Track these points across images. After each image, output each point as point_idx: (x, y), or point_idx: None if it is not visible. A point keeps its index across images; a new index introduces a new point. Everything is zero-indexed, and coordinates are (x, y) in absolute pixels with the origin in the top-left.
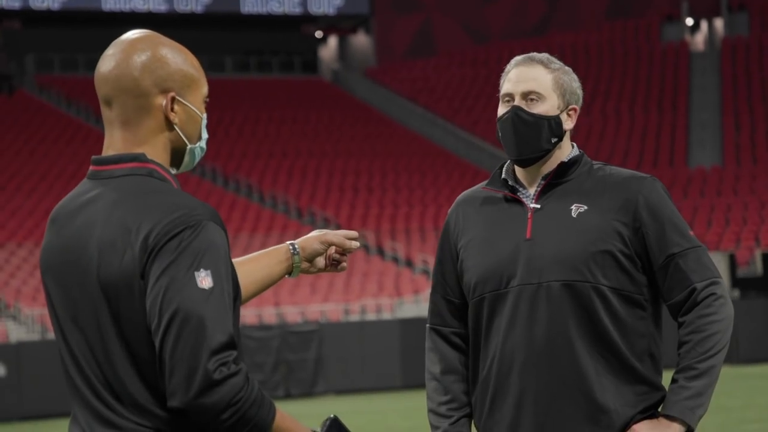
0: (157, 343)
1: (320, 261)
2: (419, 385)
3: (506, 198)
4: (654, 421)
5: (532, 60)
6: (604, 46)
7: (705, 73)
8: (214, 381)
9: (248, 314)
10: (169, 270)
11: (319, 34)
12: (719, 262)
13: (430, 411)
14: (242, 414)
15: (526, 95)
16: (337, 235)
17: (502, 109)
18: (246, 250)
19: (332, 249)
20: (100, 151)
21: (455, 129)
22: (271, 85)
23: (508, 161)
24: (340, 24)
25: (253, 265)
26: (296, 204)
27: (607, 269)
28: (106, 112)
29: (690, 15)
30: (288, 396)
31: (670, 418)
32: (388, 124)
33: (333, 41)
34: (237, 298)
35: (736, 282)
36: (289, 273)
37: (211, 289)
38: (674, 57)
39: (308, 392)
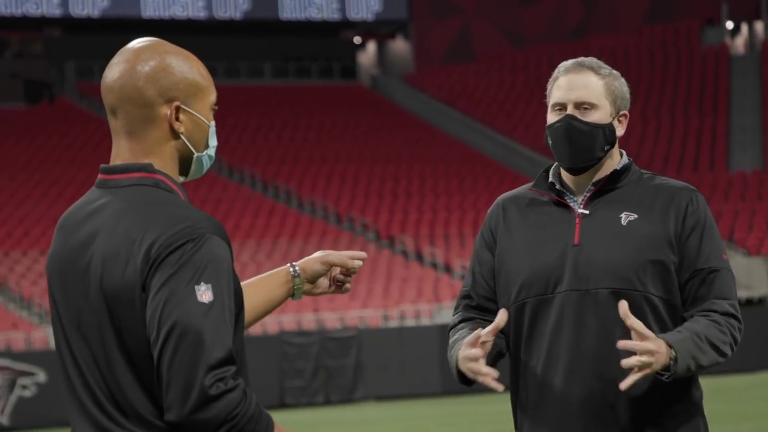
0: (155, 356)
1: (323, 282)
2: (458, 392)
3: (553, 202)
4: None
5: (582, 66)
6: (643, 50)
7: (745, 76)
8: (210, 397)
9: (287, 320)
10: (170, 282)
11: (357, 39)
12: (760, 266)
13: (451, 348)
14: (239, 430)
15: (579, 104)
16: (340, 256)
17: (553, 117)
18: (285, 257)
19: (336, 270)
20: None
21: (493, 134)
22: (310, 91)
23: (554, 165)
24: (378, 29)
25: (254, 290)
26: (335, 210)
27: (656, 278)
28: (112, 122)
29: (730, 18)
30: (327, 402)
31: (668, 344)
32: (427, 129)
33: (372, 47)
34: (240, 313)
35: None
36: (292, 295)
37: (211, 303)
38: (714, 60)
39: (347, 398)
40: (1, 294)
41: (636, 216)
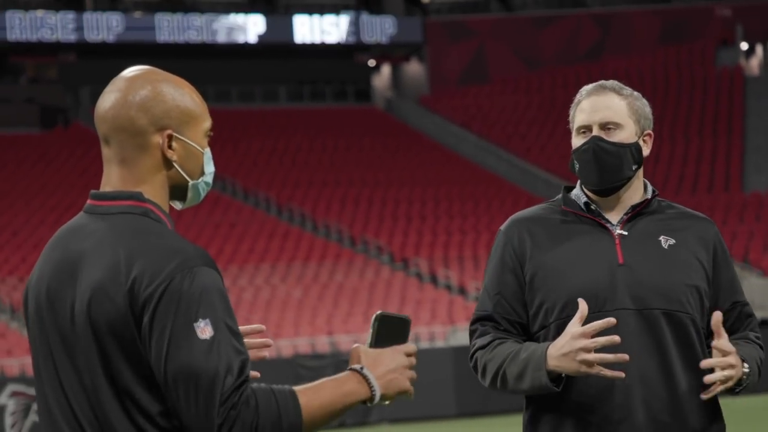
0: (170, 401)
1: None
2: (474, 414)
3: (586, 221)
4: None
5: (604, 88)
6: (658, 71)
7: (760, 97)
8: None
9: (302, 343)
10: (168, 327)
11: (372, 62)
12: None
13: (502, 366)
14: None
15: (603, 125)
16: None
17: (578, 140)
18: (299, 280)
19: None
20: None
21: (509, 156)
22: (325, 114)
23: (577, 185)
24: (393, 52)
25: None
26: (349, 233)
27: (696, 303)
28: (105, 150)
29: (744, 39)
30: (342, 425)
31: (743, 359)
32: (442, 152)
33: (386, 70)
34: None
35: None
36: None
37: (213, 338)
38: (729, 81)
39: (362, 421)
40: (16, 319)
41: (674, 241)
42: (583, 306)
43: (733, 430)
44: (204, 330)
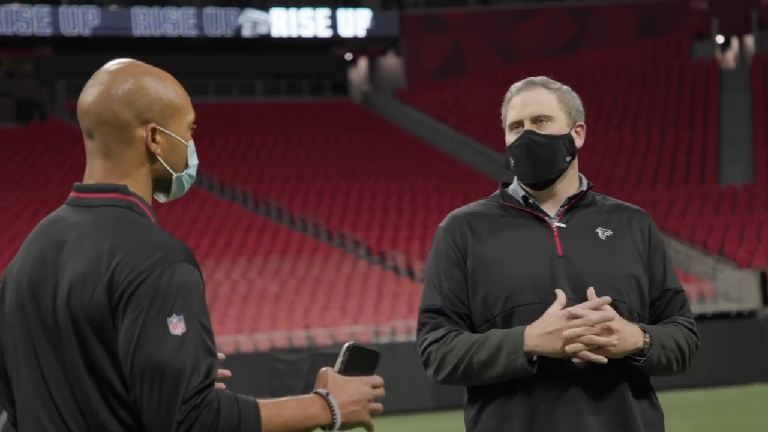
0: (132, 393)
1: None
2: (450, 407)
3: (526, 215)
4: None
5: (533, 83)
6: (634, 65)
7: (735, 90)
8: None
9: (278, 337)
10: (141, 318)
11: (349, 56)
12: (751, 279)
13: (467, 354)
14: None
15: (535, 119)
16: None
17: (512, 137)
18: (276, 274)
19: None
20: None
21: (486, 149)
22: (302, 108)
23: (514, 181)
24: (369, 46)
25: None
26: (326, 226)
27: (634, 293)
28: (88, 143)
29: (720, 32)
30: None
31: (641, 327)
32: (419, 145)
33: (363, 63)
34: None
35: (767, 299)
36: None
37: (184, 335)
38: (705, 74)
39: None
40: None
41: (612, 232)
42: (561, 295)
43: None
44: (176, 326)
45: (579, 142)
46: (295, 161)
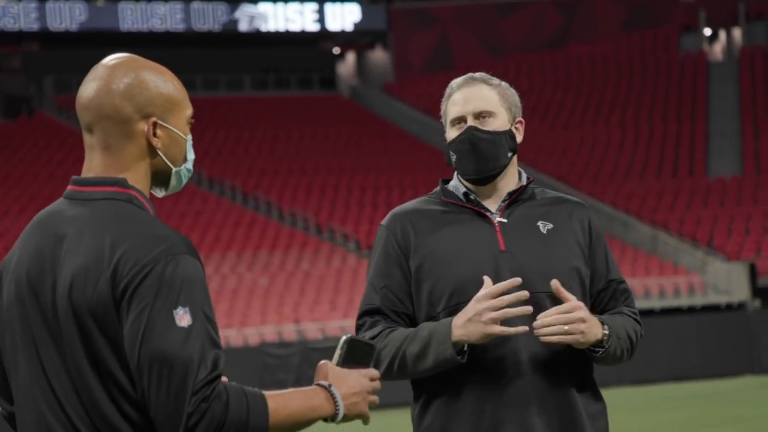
0: (139, 386)
1: None
2: None
3: (468, 212)
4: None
5: (474, 79)
6: (622, 57)
7: (723, 82)
8: (193, 424)
9: (269, 332)
10: (147, 311)
11: (336, 50)
12: (739, 272)
13: (400, 348)
14: None
15: (477, 115)
16: None
17: (454, 132)
18: (265, 268)
19: None
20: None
21: None
22: (290, 103)
23: (454, 177)
24: (357, 40)
25: None
26: (315, 221)
27: (577, 286)
28: (87, 138)
29: (708, 25)
30: None
31: (600, 319)
32: (407, 139)
33: (351, 57)
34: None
35: (756, 292)
36: None
37: (190, 327)
38: (692, 67)
39: None
40: None
41: (552, 225)
42: (488, 281)
43: (691, 413)
44: (182, 318)
45: (519, 137)
46: (284, 155)
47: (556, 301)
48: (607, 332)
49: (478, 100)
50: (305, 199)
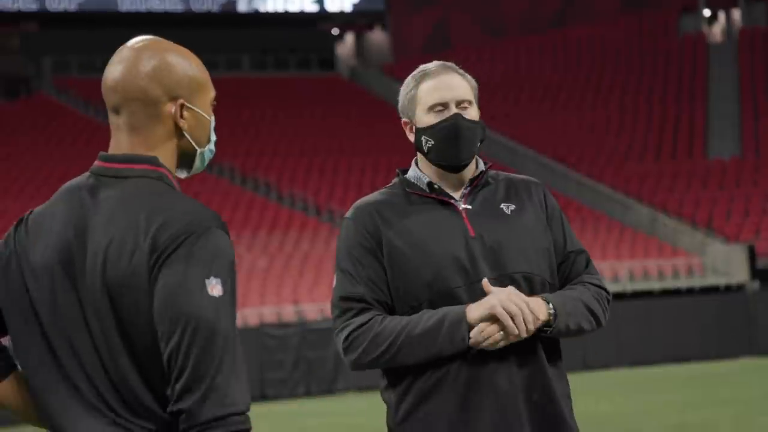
0: (166, 348)
1: None
2: None
3: (429, 201)
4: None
5: (449, 68)
6: (620, 39)
7: (723, 64)
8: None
9: (267, 313)
10: (180, 276)
11: (335, 31)
12: (739, 253)
13: (401, 333)
14: None
15: (459, 102)
16: None
17: (434, 117)
18: (264, 250)
19: None
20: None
21: None
22: (289, 83)
23: (412, 167)
24: (356, 21)
25: None
26: (314, 202)
27: (544, 263)
28: (113, 118)
29: (707, 6)
30: (308, 394)
31: (544, 298)
32: None
33: (350, 38)
34: None
35: (755, 273)
36: None
37: (221, 298)
38: (692, 48)
39: (329, 390)
40: None
41: (514, 206)
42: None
43: (690, 394)
44: (214, 287)
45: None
46: (282, 136)
47: (529, 280)
48: (552, 311)
49: (459, 88)
50: (304, 180)
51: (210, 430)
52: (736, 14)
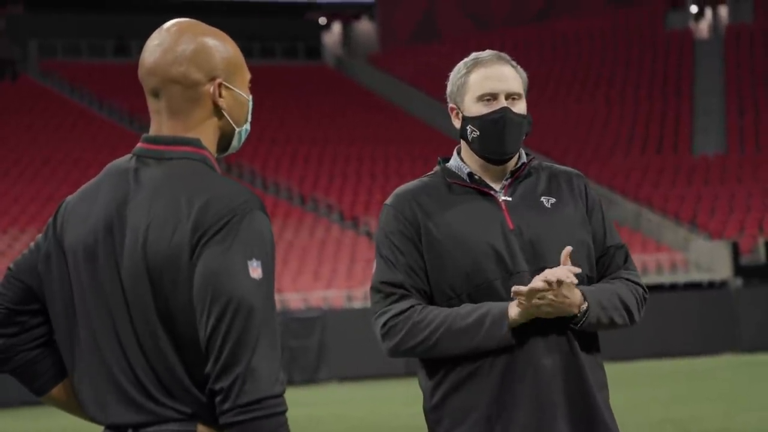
0: (205, 327)
1: None
2: None
3: (470, 191)
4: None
5: (503, 59)
6: (607, 33)
7: (709, 60)
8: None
9: None
10: (222, 256)
11: (322, 20)
12: (722, 250)
13: (443, 324)
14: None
15: (509, 95)
16: None
17: (483, 108)
18: None
19: None
20: (104, 138)
21: None
22: (275, 72)
23: (455, 156)
24: (343, 10)
25: None
26: (299, 191)
27: (583, 258)
28: (152, 102)
29: (694, 2)
30: (291, 382)
31: (584, 294)
32: (392, 110)
33: (336, 27)
34: None
35: (739, 270)
36: None
37: (261, 281)
38: (678, 44)
39: (311, 379)
40: None
41: (555, 199)
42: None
43: (674, 390)
44: (255, 270)
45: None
46: (268, 125)
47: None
48: (585, 307)
49: (511, 81)
50: (289, 169)
51: (247, 413)
52: (723, 11)
